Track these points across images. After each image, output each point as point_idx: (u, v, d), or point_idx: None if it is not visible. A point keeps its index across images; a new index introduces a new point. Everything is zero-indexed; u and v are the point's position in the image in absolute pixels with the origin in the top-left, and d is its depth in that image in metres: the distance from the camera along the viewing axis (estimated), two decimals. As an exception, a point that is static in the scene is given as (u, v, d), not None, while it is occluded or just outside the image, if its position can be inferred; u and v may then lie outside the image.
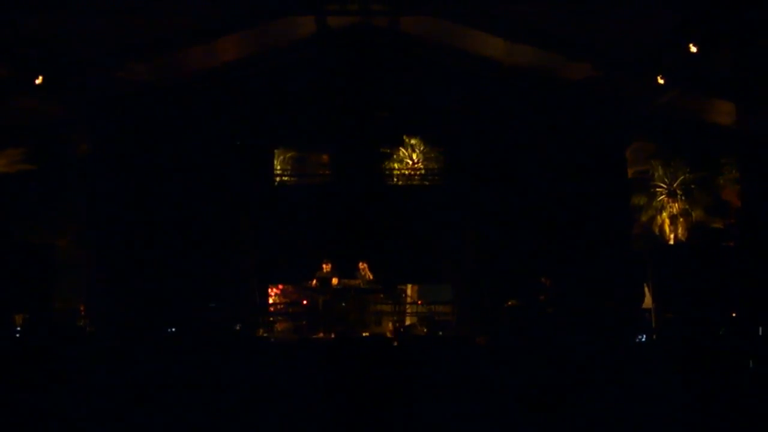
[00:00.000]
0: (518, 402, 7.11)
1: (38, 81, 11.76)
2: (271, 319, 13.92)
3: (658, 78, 12.42)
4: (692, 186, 13.88)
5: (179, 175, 13.73)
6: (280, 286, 14.28)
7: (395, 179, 15.08)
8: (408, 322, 13.33)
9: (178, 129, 13.81)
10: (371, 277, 13.03)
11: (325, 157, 15.27)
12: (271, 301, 14.31)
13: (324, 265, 13.11)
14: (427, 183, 15.04)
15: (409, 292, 15.06)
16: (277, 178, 15.09)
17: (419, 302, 13.75)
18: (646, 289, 12.57)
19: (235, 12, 12.30)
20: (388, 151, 15.11)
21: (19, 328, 10.50)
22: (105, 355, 8.11)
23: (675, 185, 13.89)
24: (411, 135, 14.87)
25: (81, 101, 13.27)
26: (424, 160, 15.31)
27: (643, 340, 9.97)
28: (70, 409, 7.08)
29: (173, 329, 11.53)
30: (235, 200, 14.15)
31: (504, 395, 7.23)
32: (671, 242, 13.79)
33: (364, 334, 12.01)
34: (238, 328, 12.41)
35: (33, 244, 12.36)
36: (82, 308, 12.79)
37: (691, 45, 11.28)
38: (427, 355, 8.39)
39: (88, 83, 12.87)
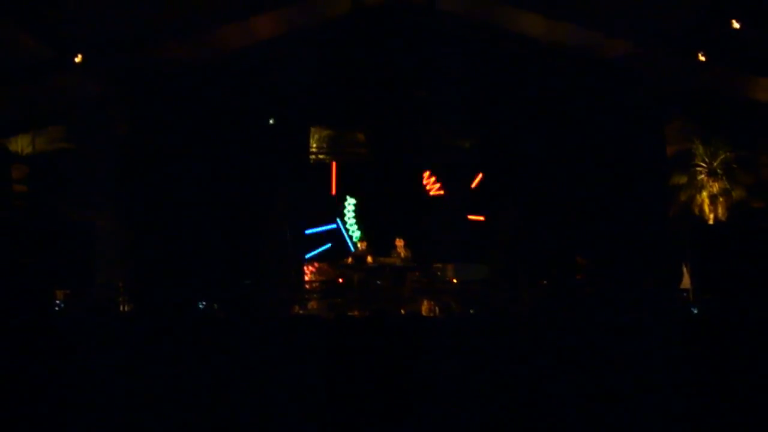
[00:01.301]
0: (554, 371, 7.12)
1: (77, 59, 11.89)
2: (306, 296, 13.97)
3: (700, 55, 12.23)
4: (733, 165, 13.61)
5: (216, 152, 13.80)
6: (316, 264, 14.33)
7: (431, 157, 15.01)
8: (443, 300, 13.29)
9: (215, 107, 13.84)
10: (407, 254, 13.03)
11: (360, 135, 15.27)
12: (306, 278, 14.35)
13: (359, 243, 13.14)
14: (463, 161, 14.96)
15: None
16: (313, 156, 15.13)
17: (454, 280, 13.70)
18: (685, 270, 12.43)
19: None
20: (424, 129, 15.03)
21: (58, 302, 10.65)
22: (137, 330, 8.20)
23: (716, 164, 13.64)
24: (447, 113, 14.75)
25: (119, 80, 13.38)
26: (460, 138, 15.23)
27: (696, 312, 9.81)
28: (102, 383, 7.18)
29: (206, 304, 11.62)
30: (272, 178, 14.23)
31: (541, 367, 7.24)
32: (711, 222, 13.57)
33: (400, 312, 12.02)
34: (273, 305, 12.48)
35: (73, 221, 12.49)
36: (120, 285, 12.92)
37: (733, 21, 11.10)
38: (457, 330, 8.42)
39: (125, 62, 12.96)
